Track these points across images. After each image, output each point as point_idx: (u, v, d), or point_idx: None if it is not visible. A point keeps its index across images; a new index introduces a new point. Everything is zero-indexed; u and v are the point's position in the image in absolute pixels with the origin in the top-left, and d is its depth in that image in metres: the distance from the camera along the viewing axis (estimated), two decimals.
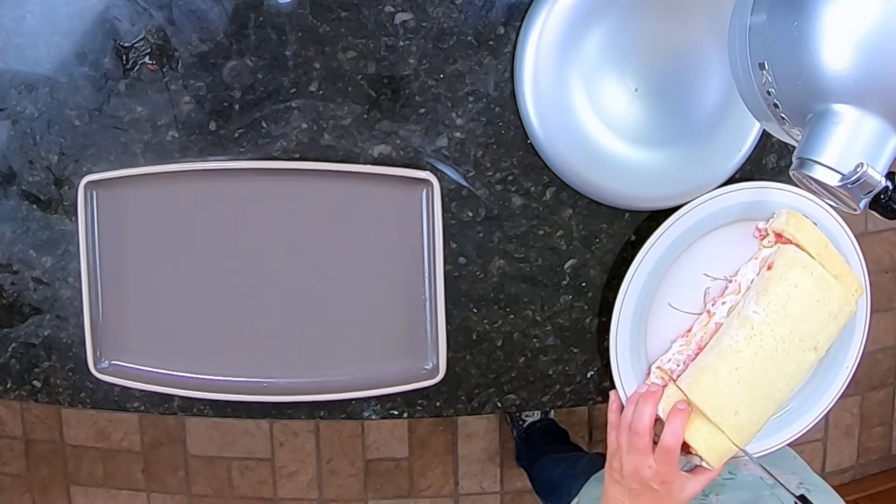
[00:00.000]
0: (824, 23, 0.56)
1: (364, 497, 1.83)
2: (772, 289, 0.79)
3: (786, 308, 0.79)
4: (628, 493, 0.79)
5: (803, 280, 0.79)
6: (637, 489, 0.78)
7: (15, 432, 1.81)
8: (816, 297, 0.79)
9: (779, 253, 0.81)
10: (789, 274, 0.79)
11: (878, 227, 1.84)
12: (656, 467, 0.77)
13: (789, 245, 0.80)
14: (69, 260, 0.84)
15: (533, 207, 0.86)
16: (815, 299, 0.79)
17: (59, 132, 0.82)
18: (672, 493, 0.77)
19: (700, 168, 0.85)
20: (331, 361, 0.86)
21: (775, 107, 0.62)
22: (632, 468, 0.78)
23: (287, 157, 0.83)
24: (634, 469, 0.78)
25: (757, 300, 0.79)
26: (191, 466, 1.81)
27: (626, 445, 0.79)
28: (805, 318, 0.79)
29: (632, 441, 0.78)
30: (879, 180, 0.57)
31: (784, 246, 0.81)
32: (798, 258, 0.80)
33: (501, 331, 0.89)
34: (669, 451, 0.77)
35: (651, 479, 0.77)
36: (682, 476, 0.78)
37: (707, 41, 0.83)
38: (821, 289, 0.79)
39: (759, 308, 0.79)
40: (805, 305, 0.79)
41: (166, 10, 0.79)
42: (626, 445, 0.78)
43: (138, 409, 0.88)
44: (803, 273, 0.79)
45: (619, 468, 0.79)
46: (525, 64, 0.81)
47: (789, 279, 0.79)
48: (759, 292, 0.79)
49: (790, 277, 0.79)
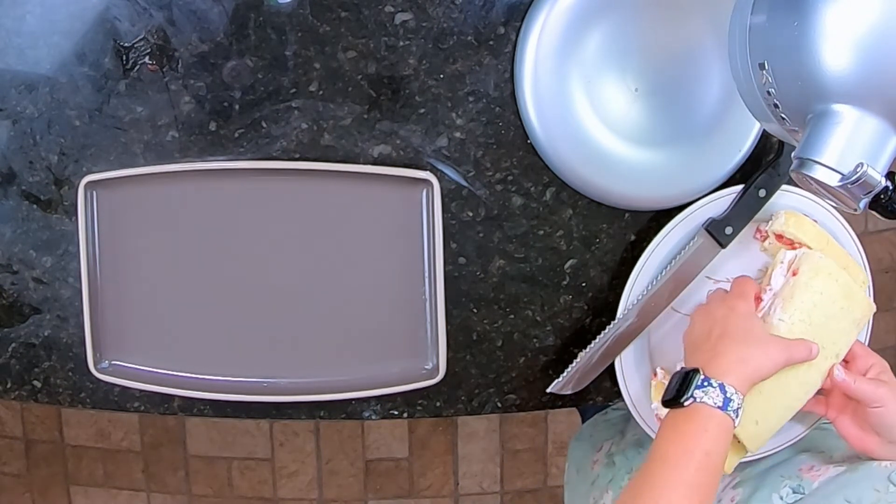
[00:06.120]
0: (824, 23, 0.56)
1: (364, 497, 1.83)
2: (798, 295, 0.77)
3: (811, 317, 0.77)
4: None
5: (829, 287, 0.78)
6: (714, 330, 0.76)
7: (15, 432, 1.80)
8: (840, 304, 0.78)
9: (803, 258, 0.79)
10: (815, 281, 0.77)
11: (878, 227, 1.83)
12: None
13: (813, 251, 0.79)
14: (69, 260, 0.84)
15: (533, 207, 0.86)
16: (839, 307, 0.78)
17: (59, 132, 0.82)
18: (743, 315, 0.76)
19: (700, 168, 0.85)
20: (331, 361, 0.86)
21: (775, 107, 0.62)
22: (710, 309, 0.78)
23: (287, 157, 0.83)
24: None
25: (783, 307, 0.77)
26: (191, 466, 1.81)
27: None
28: (829, 326, 0.77)
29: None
30: (879, 180, 0.56)
31: (808, 251, 0.79)
32: (823, 265, 0.78)
33: (501, 331, 0.89)
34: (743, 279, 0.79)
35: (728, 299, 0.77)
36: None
37: (707, 41, 0.83)
38: (845, 296, 0.78)
39: (785, 316, 0.77)
40: (829, 314, 0.77)
41: (166, 10, 0.79)
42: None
43: (138, 409, 0.88)
44: (829, 280, 0.78)
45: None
46: (525, 64, 0.81)
47: (815, 286, 0.77)
48: (785, 299, 0.77)
49: (816, 285, 0.77)
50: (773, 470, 0.82)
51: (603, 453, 1.00)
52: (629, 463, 0.93)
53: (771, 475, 0.81)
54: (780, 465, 0.83)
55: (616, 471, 0.94)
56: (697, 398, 0.70)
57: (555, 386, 0.86)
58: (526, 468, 1.82)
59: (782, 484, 0.79)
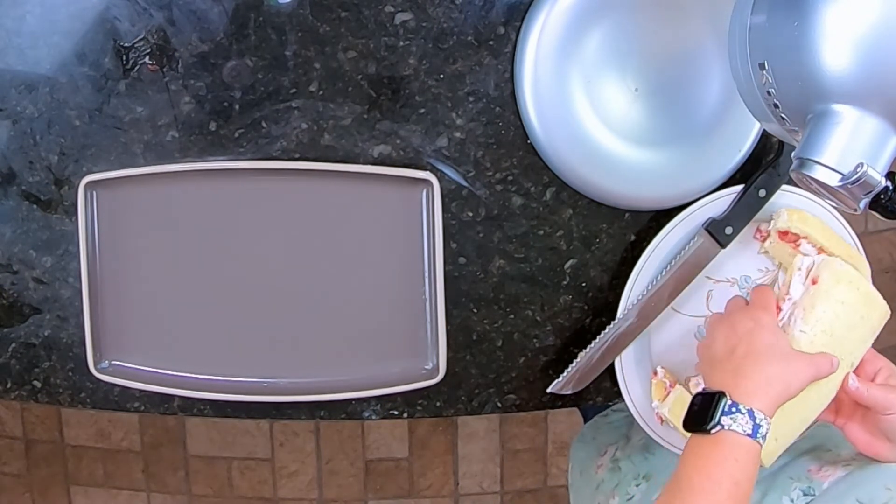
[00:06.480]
0: (824, 23, 0.56)
1: (364, 497, 1.83)
2: (819, 305, 0.75)
3: (832, 327, 0.74)
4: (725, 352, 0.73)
5: (850, 296, 0.76)
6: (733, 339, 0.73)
7: (15, 432, 1.80)
8: (861, 313, 0.76)
9: (822, 265, 0.77)
10: (836, 290, 0.75)
11: (878, 227, 1.83)
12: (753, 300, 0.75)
13: (834, 258, 0.78)
14: (69, 260, 0.84)
15: (533, 207, 0.86)
16: (859, 316, 0.76)
17: (59, 132, 0.82)
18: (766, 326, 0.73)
19: (700, 168, 0.85)
20: (331, 361, 0.86)
21: (775, 107, 0.62)
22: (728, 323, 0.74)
23: (287, 157, 0.83)
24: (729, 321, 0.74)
25: (804, 318, 0.74)
26: (191, 466, 1.81)
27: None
28: (850, 336, 0.76)
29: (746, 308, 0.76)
30: (879, 180, 0.56)
31: (828, 258, 0.77)
32: (843, 272, 0.76)
33: (501, 331, 0.89)
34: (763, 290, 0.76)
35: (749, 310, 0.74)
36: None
37: (707, 41, 0.83)
38: (865, 304, 0.77)
39: (806, 327, 0.74)
40: (850, 324, 0.75)
41: (166, 10, 0.79)
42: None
43: (138, 409, 0.88)
44: (850, 288, 0.76)
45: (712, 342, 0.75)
46: (525, 64, 0.81)
47: (836, 296, 0.75)
48: (806, 309, 0.75)
49: (837, 294, 0.75)
50: (782, 472, 0.81)
51: (608, 458, 0.99)
52: (636, 469, 0.93)
53: (780, 478, 0.80)
54: (787, 467, 0.82)
55: (622, 476, 0.94)
56: (726, 426, 0.67)
57: (555, 386, 0.86)
58: (526, 468, 1.82)
59: (792, 486, 0.78)
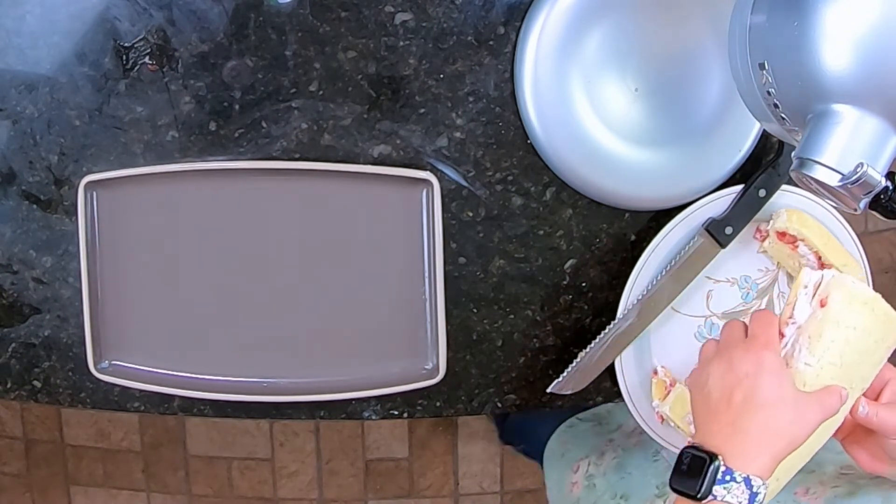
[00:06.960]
0: (824, 23, 0.56)
1: (364, 497, 1.83)
2: (827, 333, 0.66)
3: (843, 357, 0.66)
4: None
5: (863, 320, 0.67)
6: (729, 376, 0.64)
7: (15, 432, 1.80)
8: (876, 336, 0.67)
9: (832, 283, 0.67)
10: (847, 314, 0.66)
11: (878, 227, 1.83)
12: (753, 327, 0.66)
13: (845, 275, 0.68)
14: (69, 260, 0.84)
15: (533, 207, 0.86)
16: (874, 339, 0.67)
17: (59, 132, 0.82)
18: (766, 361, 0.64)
19: (700, 168, 0.85)
20: (331, 361, 0.86)
21: (775, 107, 0.62)
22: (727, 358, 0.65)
23: (287, 157, 0.83)
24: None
25: (810, 349, 0.66)
26: (191, 466, 1.81)
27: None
28: (862, 361, 0.68)
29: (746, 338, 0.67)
30: (879, 180, 0.57)
31: (839, 275, 0.68)
32: (857, 292, 0.67)
33: (501, 331, 0.89)
34: (765, 313, 0.66)
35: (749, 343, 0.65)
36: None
37: (707, 41, 0.83)
38: (882, 327, 0.68)
39: (812, 359, 0.65)
40: (863, 349, 0.67)
41: (166, 10, 0.79)
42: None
43: (138, 409, 0.88)
44: (864, 311, 0.67)
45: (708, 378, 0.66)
46: (525, 64, 0.81)
47: (848, 321, 0.66)
48: (812, 338, 0.66)
49: (849, 319, 0.66)
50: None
51: (581, 475, 0.98)
52: (612, 488, 0.93)
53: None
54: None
55: (599, 494, 0.94)
56: (718, 496, 0.60)
57: (555, 386, 0.86)
58: (526, 468, 1.82)
59: None
